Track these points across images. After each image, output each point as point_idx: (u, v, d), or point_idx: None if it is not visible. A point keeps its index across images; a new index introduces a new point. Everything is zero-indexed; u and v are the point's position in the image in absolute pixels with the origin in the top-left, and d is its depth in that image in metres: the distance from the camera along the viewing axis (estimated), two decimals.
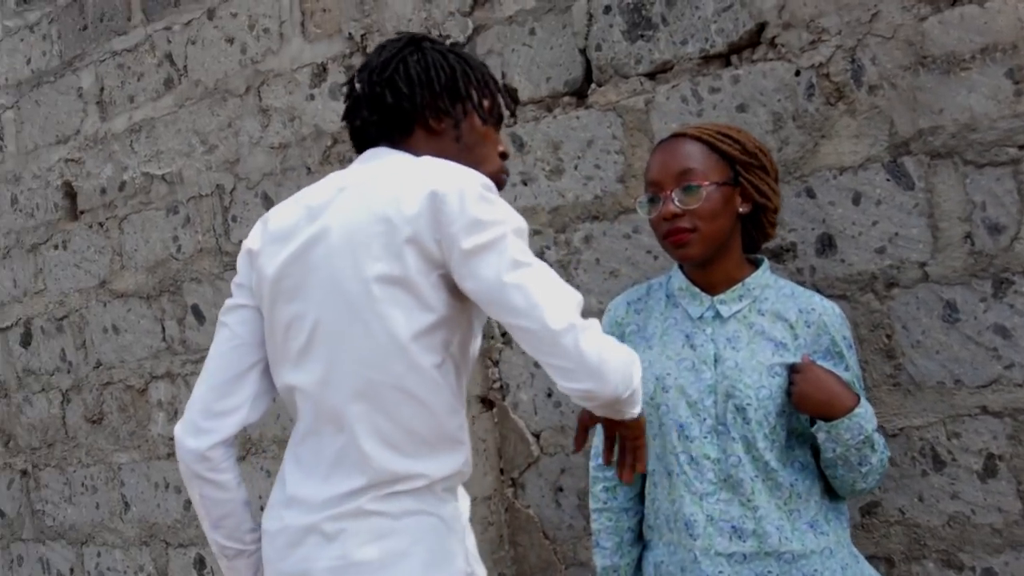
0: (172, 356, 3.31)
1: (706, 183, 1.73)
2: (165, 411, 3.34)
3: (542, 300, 1.38)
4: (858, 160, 2.01)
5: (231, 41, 3.10)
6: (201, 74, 3.18)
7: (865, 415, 1.68)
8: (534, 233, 2.46)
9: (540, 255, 2.44)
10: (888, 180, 1.97)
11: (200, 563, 3.28)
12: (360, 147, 1.65)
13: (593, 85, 2.38)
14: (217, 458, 1.58)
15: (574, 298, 1.42)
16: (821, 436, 1.69)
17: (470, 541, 1.55)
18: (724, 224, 1.75)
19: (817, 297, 1.80)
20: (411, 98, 1.59)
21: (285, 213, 1.59)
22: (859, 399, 1.69)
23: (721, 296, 1.79)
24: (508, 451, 2.53)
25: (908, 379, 1.96)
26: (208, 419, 1.57)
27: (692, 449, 1.74)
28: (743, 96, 2.14)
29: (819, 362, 1.73)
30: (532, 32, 2.46)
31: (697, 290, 1.81)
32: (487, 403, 2.56)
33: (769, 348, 1.74)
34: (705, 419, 1.73)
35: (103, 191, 3.50)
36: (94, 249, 3.55)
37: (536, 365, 2.30)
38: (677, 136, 1.82)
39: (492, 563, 2.54)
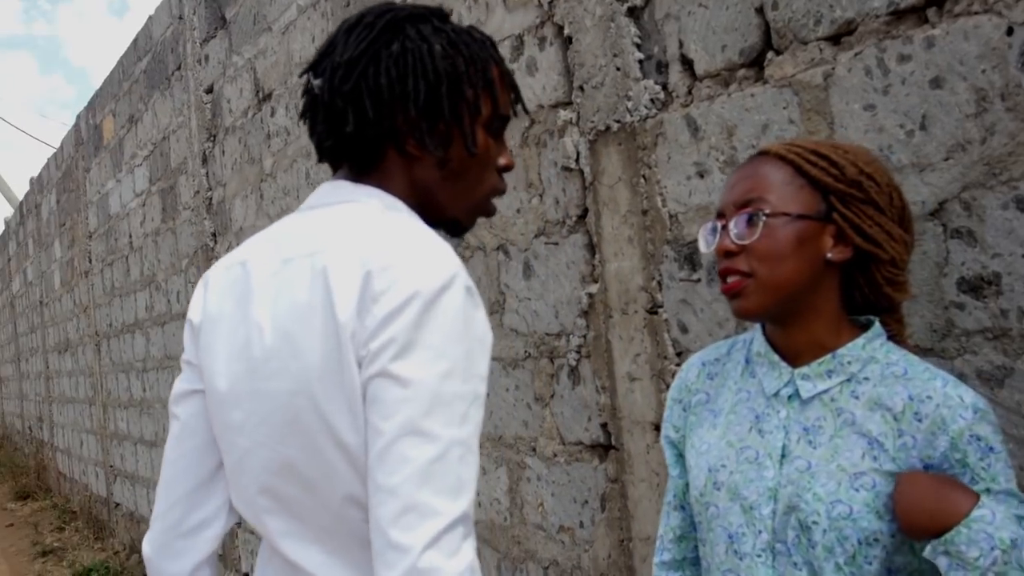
0: None
1: (770, 213, 1.26)
2: None
3: (415, 494, 1.01)
4: None
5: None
6: None
7: (991, 519, 1.12)
8: None
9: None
10: None
11: None
12: (321, 159, 1.30)
13: (771, 54, 1.88)
14: None
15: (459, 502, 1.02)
16: (942, 563, 1.14)
17: None
18: (795, 270, 1.25)
19: (940, 380, 1.23)
20: (377, 124, 1.21)
21: (222, 281, 1.28)
22: (978, 497, 1.14)
23: (804, 369, 1.30)
24: None
25: None
26: (182, 538, 1.32)
27: (741, 569, 1.29)
28: (938, 66, 1.56)
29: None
30: None
31: (776, 358, 1.33)
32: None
33: (859, 447, 1.23)
34: (760, 532, 1.27)
35: None
36: None
37: None
38: (760, 154, 1.34)
39: None
